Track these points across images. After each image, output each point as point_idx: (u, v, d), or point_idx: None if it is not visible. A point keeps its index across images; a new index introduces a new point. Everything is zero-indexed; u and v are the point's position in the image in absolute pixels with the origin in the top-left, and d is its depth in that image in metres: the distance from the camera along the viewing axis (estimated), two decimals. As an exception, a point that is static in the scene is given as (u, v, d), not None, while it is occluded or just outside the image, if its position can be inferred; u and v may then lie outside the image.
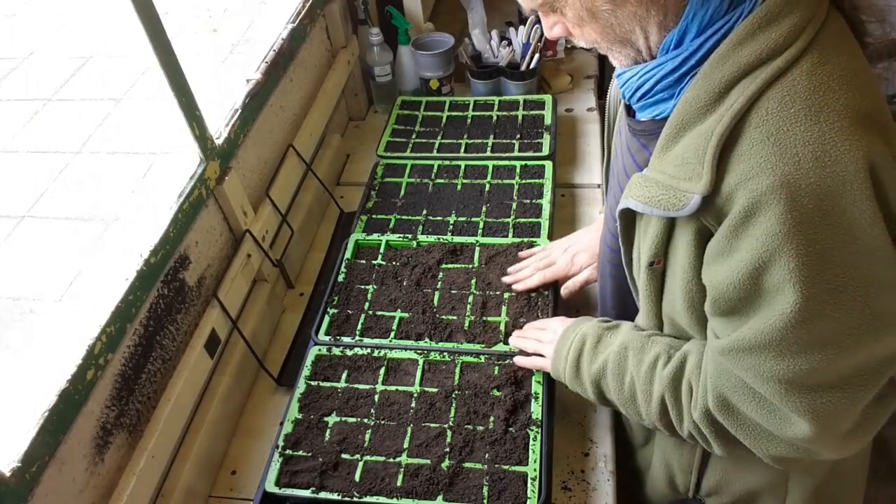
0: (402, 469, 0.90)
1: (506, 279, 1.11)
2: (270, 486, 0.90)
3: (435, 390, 0.98)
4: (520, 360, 0.98)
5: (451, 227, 1.25)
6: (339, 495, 0.88)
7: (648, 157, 0.69)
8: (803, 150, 0.56)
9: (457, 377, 1.00)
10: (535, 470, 0.88)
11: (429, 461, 0.91)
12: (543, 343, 0.95)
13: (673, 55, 0.64)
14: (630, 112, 0.77)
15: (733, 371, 0.67)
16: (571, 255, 1.08)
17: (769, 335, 0.61)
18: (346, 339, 1.06)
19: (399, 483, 0.88)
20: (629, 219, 0.72)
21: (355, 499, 0.87)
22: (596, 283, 1.06)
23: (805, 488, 0.85)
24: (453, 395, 0.97)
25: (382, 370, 1.01)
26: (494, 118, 1.49)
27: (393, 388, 0.99)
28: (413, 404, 0.97)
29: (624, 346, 0.80)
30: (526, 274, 1.10)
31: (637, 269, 0.74)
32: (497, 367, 1.00)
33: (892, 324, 0.61)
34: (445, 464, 0.90)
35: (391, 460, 0.91)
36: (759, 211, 0.57)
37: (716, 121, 0.59)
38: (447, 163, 1.38)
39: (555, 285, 1.09)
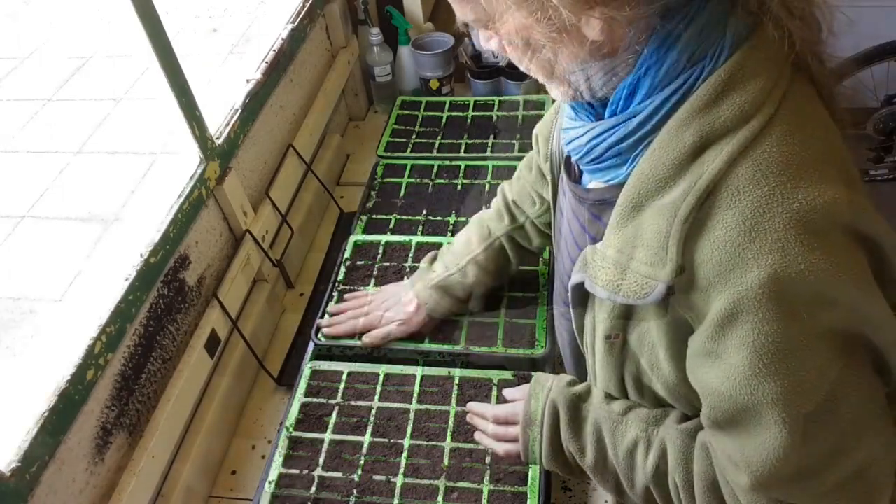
0: (403, 465, 0.90)
1: (320, 322, 1.08)
2: (270, 487, 0.90)
3: (435, 390, 0.99)
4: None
5: (451, 227, 1.25)
6: (339, 495, 0.88)
7: (602, 228, 0.63)
8: (786, 233, 0.50)
9: (456, 378, 1.00)
10: (535, 470, 0.88)
11: (429, 461, 0.91)
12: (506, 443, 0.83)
13: (625, 118, 0.57)
14: (571, 174, 0.71)
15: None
16: (384, 311, 1.05)
17: (790, 462, 0.55)
18: (346, 340, 1.06)
19: (399, 478, 0.89)
20: (583, 290, 0.65)
21: (355, 498, 0.88)
22: (408, 333, 1.04)
23: None
24: (453, 394, 0.98)
25: (381, 379, 1.01)
26: (494, 118, 1.49)
27: (393, 387, 1.00)
28: (414, 399, 0.97)
29: (597, 424, 0.72)
30: (340, 319, 1.07)
31: (591, 338, 0.68)
32: (496, 375, 1.00)
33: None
34: (446, 463, 0.90)
35: (392, 460, 0.91)
36: (748, 308, 0.51)
37: (679, 199, 0.53)
38: (447, 163, 1.38)
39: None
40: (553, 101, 0.80)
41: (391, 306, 1.06)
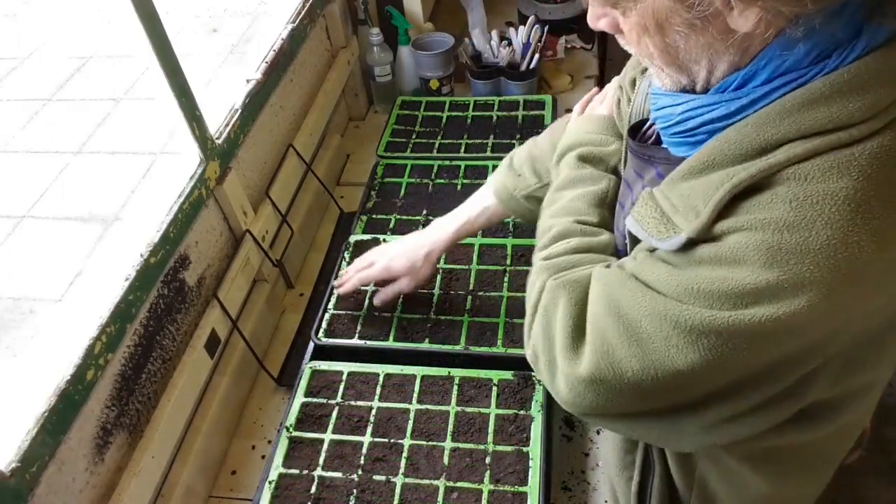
0: (403, 465, 0.90)
1: (334, 283, 1.12)
2: (270, 487, 0.90)
3: (435, 390, 0.99)
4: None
5: (451, 227, 1.25)
6: (339, 495, 0.88)
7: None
8: (822, 232, 0.48)
9: (456, 378, 1.00)
10: (535, 470, 0.88)
11: (429, 461, 0.91)
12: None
13: (730, 97, 0.54)
14: (634, 133, 0.70)
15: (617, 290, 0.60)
16: (388, 260, 1.03)
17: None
18: (346, 340, 1.06)
19: (399, 478, 0.89)
20: (634, 238, 0.66)
21: (355, 498, 0.88)
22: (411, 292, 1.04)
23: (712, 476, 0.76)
24: (453, 394, 0.98)
25: (380, 380, 1.01)
26: (494, 118, 1.49)
27: (393, 387, 1.00)
28: (414, 399, 0.97)
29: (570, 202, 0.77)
30: (347, 276, 1.08)
31: None
32: (496, 375, 1.00)
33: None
34: (446, 463, 0.90)
35: (392, 460, 0.91)
36: (743, 261, 0.50)
37: (744, 170, 0.52)
38: (447, 163, 1.38)
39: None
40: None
41: (393, 256, 1.03)
